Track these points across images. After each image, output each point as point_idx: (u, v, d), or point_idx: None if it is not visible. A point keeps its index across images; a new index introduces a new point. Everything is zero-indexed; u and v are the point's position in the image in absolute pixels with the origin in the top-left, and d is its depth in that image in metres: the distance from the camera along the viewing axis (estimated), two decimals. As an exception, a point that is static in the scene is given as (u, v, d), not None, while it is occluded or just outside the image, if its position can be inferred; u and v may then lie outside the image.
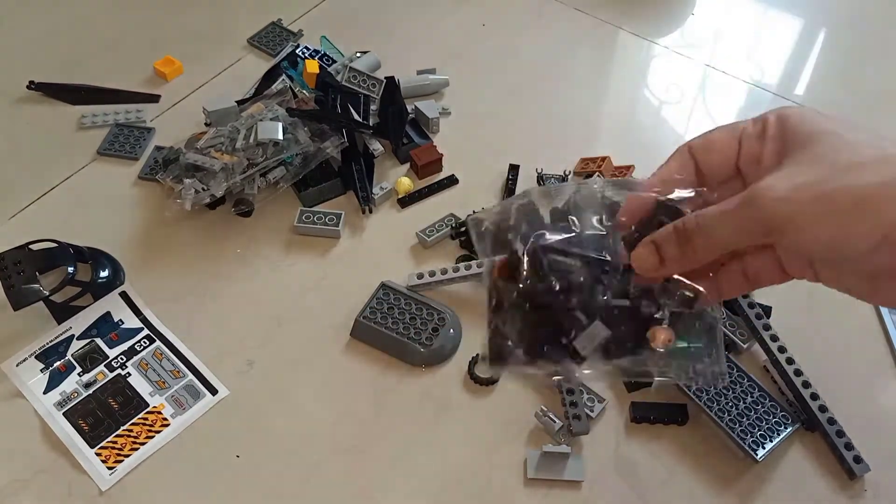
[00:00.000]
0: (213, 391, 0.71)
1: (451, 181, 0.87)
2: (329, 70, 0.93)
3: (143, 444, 0.68)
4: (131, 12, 1.08)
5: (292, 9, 1.08)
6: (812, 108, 0.45)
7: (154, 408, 0.70)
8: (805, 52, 1.04)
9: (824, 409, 0.66)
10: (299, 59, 0.97)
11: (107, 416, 0.69)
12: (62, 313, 0.75)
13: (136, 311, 0.76)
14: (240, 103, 0.87)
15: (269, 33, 1.04)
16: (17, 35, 1.06)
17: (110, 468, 0.66)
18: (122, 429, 0.69)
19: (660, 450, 0.67)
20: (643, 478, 0.65)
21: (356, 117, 0.86)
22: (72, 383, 0.71)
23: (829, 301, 0.76)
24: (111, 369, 0.72)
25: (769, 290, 0.76)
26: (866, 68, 1.01)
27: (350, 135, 0.85)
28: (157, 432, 0.68)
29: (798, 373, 0.68)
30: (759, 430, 0.65)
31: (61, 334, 0.74)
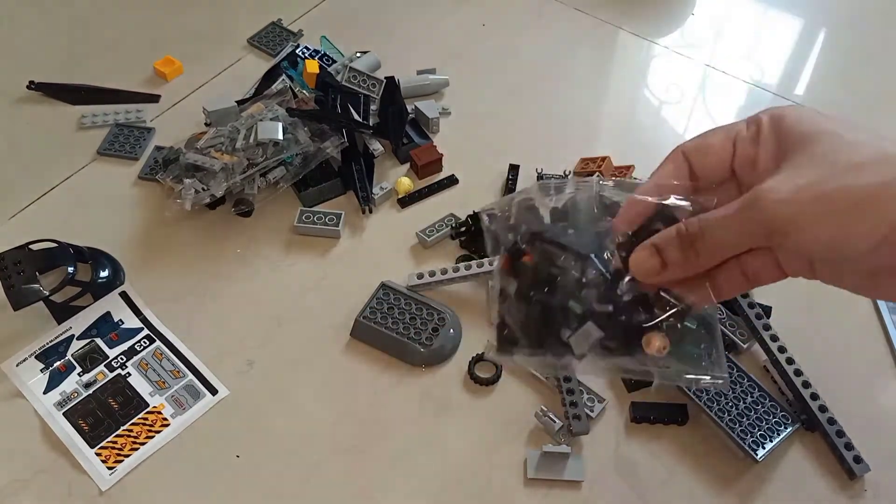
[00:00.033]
0: (213, 391, 0.71)
1: (451, 181, 0.87)
2: (329, 70, 0.93)
3: (143, 444, 0.68)
4: (131, 12, 1.08)
5: (292, 9, 1.08)
6: (808, 107, 0.45)
7: (154, 408, 0.70)
8: (805, 52, 1.04)
9: (824, 409, 0.66)
10: (299, 59, 0.97)
11: (107, 416, 0.69)
12: (62, 313, 0.75)
13: (136, 311, 0.76)
14: (240, 103, 0.87)
15: (269, 33, 1.04)
16: (17, 35, 1.06)
17: (110, 468, 0.66)
18: (122, 429, 0.69)
19: (660, 450, 0.67)
20: (643, 478, 0.65)
21: (356, 117, 0.86)
22: (72, 383, 0.71)
23: (829, 301, 0.76)
24: (111, 369, 0.72)
25: (769, 289, 0.75)
26: (866, 68, 1.01)
27: (350, 135, 0.85)
28: (157, 432, 0.68)
29: (798, 373, 0.68)
30: (759, 430, 0.65)
31: (61, 334, 0.74)
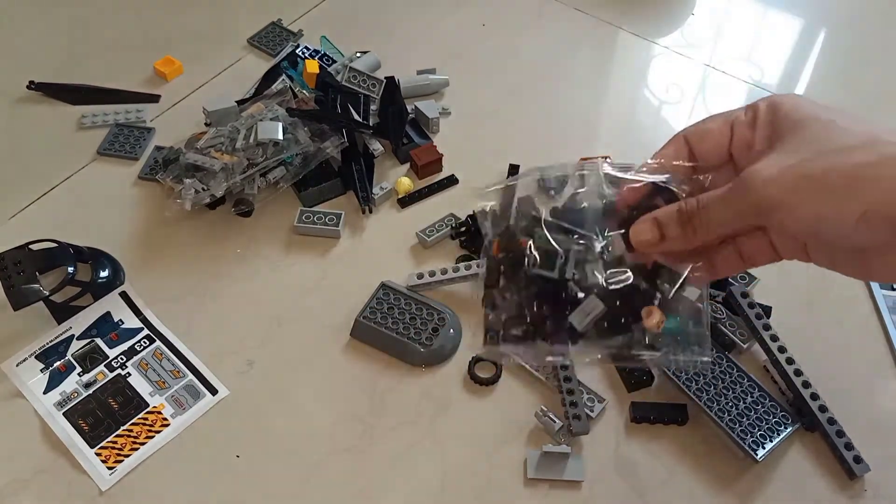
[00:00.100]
0: (213, 391, 0.71)
1: (451, 181, 0.87)
2: (329, 70, 0.93)
3: (143, 444, 0.68)
4: (131, 12, 1.08)
5: (292, 9, 1.08)
6: (803, 95, 0.46)
7: (154, 408, 0.70)
8: (805, 52, 1.04)
9: (824, 409, 0.66)
10: (299, 59, 0.97)
11: (107, 416, 0.69)
12: (62, 313, 0.75)
13: (136, 311, 0.76)
14: (240, 103, 0.87)
15: (269, 33, 1.04)
16: (17, 35, 1.06)
17: (110, 468, 0.66)
18: (122, 429, 0.69)
19: (660, 450, 0.67)
20: (643, 478, 0.65)
21: (356, 117, 0.86)
22: (72, 383, 0.71)
23: (829, 301, 0.76)
24: (111, 369, 0.72)
25: (769, 289, 0.76)
26: (866, 68, 1.01)
27: (350, 135, 0.85)
28: (157, 432, 0.68)
29: (798, 373, 0.68)
30: (759, 430, 0.65)
31: (61, 334, 0.74)
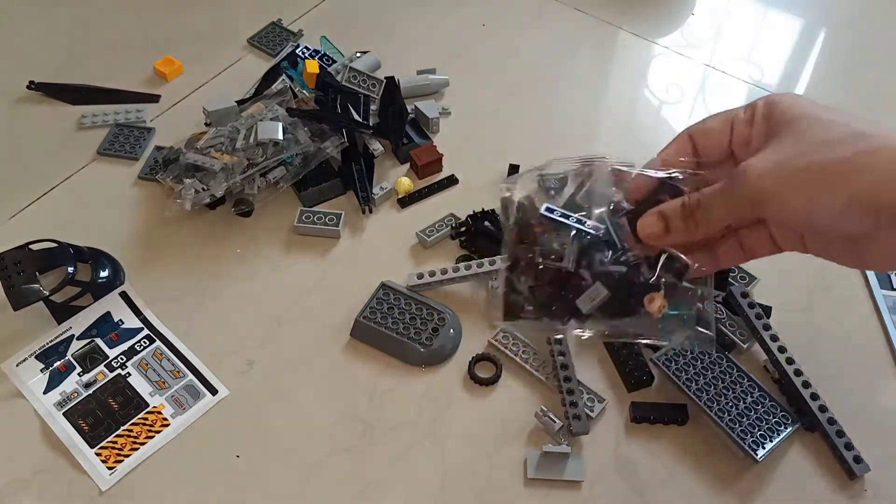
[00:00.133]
0: (213, 391, 0.71)
1: (451, 181, 0.87)
2: (329, 70, 0.93)
3: (143, 444, 0.68)
4: (131, 12, 1.08)
5: (292, 9, 1.08)
6: (802, 95, 0.48)
7: (154, 408, 0.70)
8: (805, 52, 1.04)
9: (824, 409, 0.66)
10: (299, 59, 0.97)
11: (107, 416, 0.69)
12: (62, 313, 0.75)
13: (136, 311, 0.76)
14: (240, 103, 0.87)
15: (269, 33, 1.04)
16: (17, 35, 1.06)
17: (110, 468, 0.66)
18: (122, 429, 0.69)
19: (660, 450, 0.67)
20: (643, 478, 0.65)
21: (356, 117, 0.86)
22: (72, 383, 0.71)
23: (829, 301, 0.76)
24: (111, 369, 0.72)
25: (769, 289, 0.76)
26: (866, 68, 1.01)
27: (350, 135, 0.85)
28: (157, 432, 0.68)
29: (798, 373, 0.68)
30: (759, 430, 0.65)
31: (61, 334, 0.74)
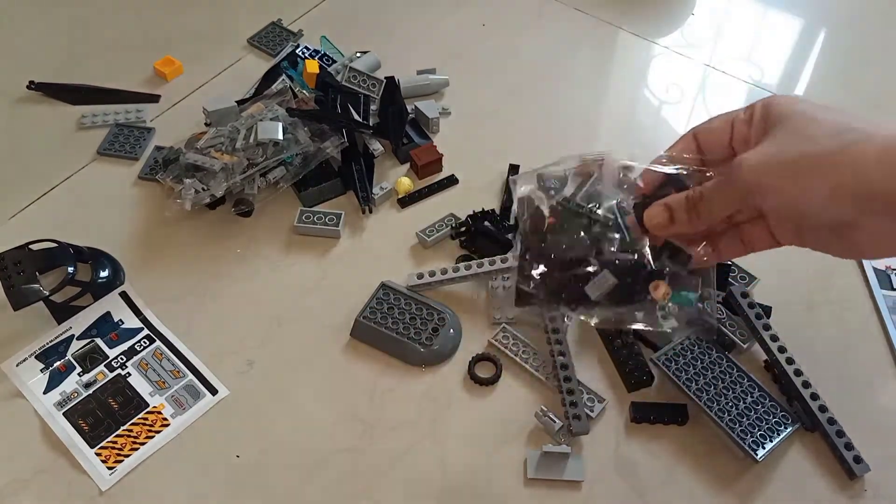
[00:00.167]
0: (213, 391, 0.71)
1: (451, 181, 0.87)
2: (329, 70, 0.93)
3: (143, 444, 0.68)
4: (131, 12, 1.08)
5: (292, 9, 1.08)
6: (798, 95, 0.50)
7: (154, 408, 0.70)
8: (805, 52, 1.04)
9: (824, 409, 0.66)
10: (299, 59, 0.97)
11: (107, 416, 0.69)
12: (62, 313, 0.75)
13: (136, 311, 0.76)
14: (240, 103, 0.87)
15: (269, 33, 1.04)
16: (17, 35, 1.06)
17: (110, 468, 0.66)
18: (122, 429, 0.69)
19: (660, 450, 0.67)
20: (643, 478, 0.65)
21: (356, 117, 0.86)
22: (72, 383, 0.71)
23: (829, 301, 0.76)
24: (111, 369, 0.72)
25: (769, 289, 0.76)
26: (866, 68, 1.01)
27: (350, 135, 0.85)
28: (157, 432, 0.68)
29: (798, 373, 0.68)
30: (759, 430, 0.65)
31: (61, 334, 0.74)
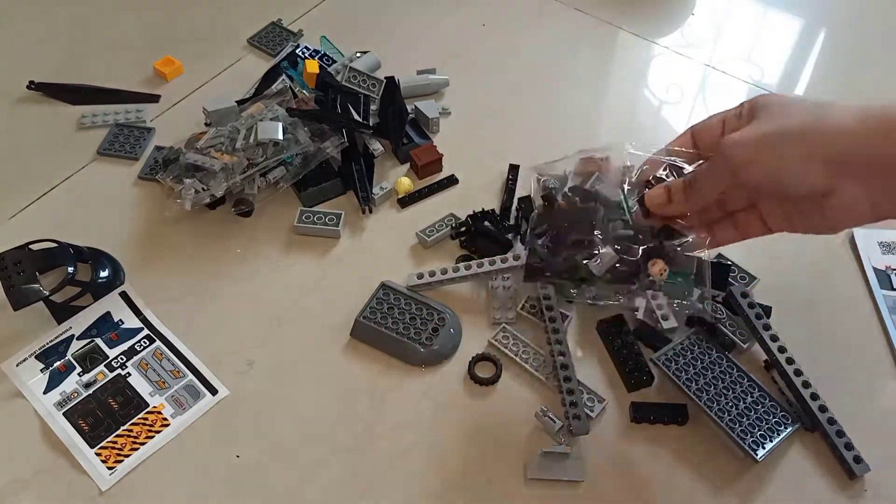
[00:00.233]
0: (213, 391, 0.71)
1: (451, 181, 0.87)
2: (329, 70, 0.93)
3: (143, 444, 0.68)
4: (131, 12, 1.08)
5: (292, 9, 1.08)
6: (789, 94, 0.59)
7: (154, 408, 0.70)
8: (805, 52, 1.04)
9: (824, 409, 0.66)
10: (299, 59, 0.97)
11: (107, 416, 0.69)
12: (62, 313, 0.75)
13: (136, 311, 0.76)
14: (240, 103, 0.87)
15: (269, 33, 1.04)
16: (17, 35, 1.06)
17: (110, 468, 0.66)
18: (122, 429, 0.69)
19: (660, 450, 0.67)
20: (643, 478, 0.65)
21: (356, 117, 0.86)
22: (72, 383, 0.71)
23: (829, 301, 0.76)
24: (111, 369, 0.72)
25: (769, 289, 0.76)
26: (866, 68, 1.01)
27: (350, 135, 0.85)
28: (157, 432, 0.68)
29: (798, 373, 0.68)
30: (759, 430, 0.65)
31: (61, 334, 0.74)
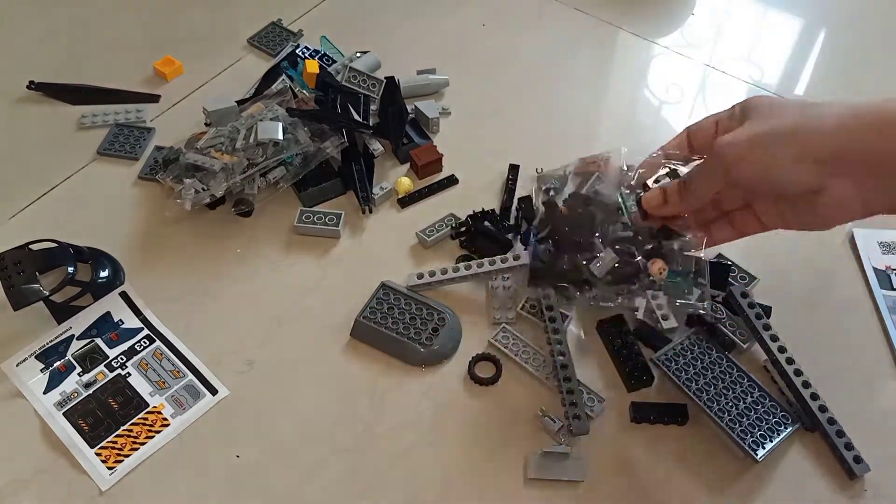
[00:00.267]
0: (213, 391, 0.71)
1: (451, 181, 0.87)
2: (329, 70, 0.93)
3: (143, 444, 0.68)
4: (131, 12, 1.08)
5: (292, 9, 1.08)
6: (778, 93, 0.61)
7: (154, 408, 0.70)
8: (805, 52, 1.04)
9: (824, 409, 0.66)
10: (299, 59, 0.97)
11: (107, 416, 0.69)
12: (62, 313, 0.75)
13: (136, 311, 0.76)
14: (240, 103, 0.87)
15: (269, 33, 1.04)
16: (17, 35, 1.06)
17: (110, 468, 0.66)
18: (122, 429, 0.69)
19: (660, 450, 0.67)
20: (643, 478, 0.65)
21: (356, 117, 0.86)
22: (72, 383, 0.71)
23: (829, 301, 0.76)
24: (111, 369, 0.72)
25: (769, 289, 0.76)
26: (866, 68, 1.01)
27: (350, 135, 0.85)
28: (157, 432, 0.68)
29: (798, 373, 0.68)
30: (759, 430, 0.65)
31: (61, 334, 0.74)
